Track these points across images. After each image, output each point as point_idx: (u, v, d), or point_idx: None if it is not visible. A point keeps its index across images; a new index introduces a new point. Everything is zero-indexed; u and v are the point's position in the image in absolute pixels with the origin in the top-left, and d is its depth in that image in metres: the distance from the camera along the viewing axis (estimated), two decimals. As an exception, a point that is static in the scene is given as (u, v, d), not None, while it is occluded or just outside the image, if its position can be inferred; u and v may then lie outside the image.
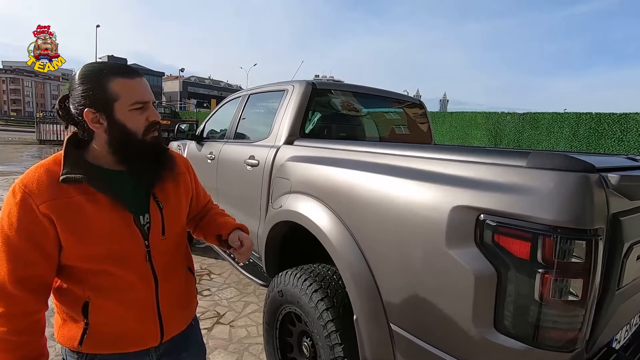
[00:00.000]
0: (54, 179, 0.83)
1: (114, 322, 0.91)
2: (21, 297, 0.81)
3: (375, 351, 1.34)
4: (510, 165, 1.03)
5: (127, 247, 0.91)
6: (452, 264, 1.06)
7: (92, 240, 0.85)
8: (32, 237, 0.81)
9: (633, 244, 1.01)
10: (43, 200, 0.81)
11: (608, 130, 10.08)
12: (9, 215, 0.80)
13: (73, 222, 0.83)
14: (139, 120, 0.90)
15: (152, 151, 0.94)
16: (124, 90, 0.87)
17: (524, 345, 0.95)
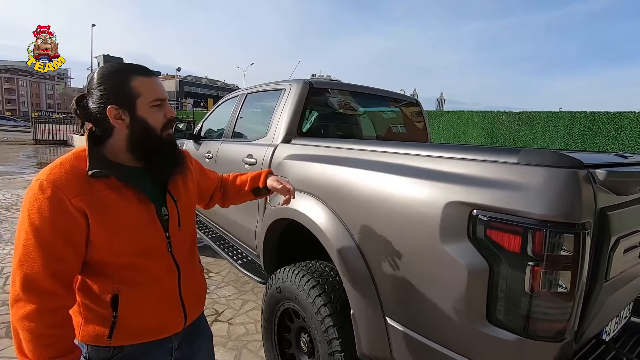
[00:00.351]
0: (81, 174, 0.86)
1: (143, 313, 0.95)
2: (55, 292, 0.82)
3: (372, 345, 1.37)
4: (502, 162, 1.06)
5: (152, 238, 0.95)
6: (446, 258, 1.08)
7: (122, 233, 0.89)
8: (65, 231, 0.83)
9: (620, 237, 1.05)
10: (75, 194, 0.83)
11: (602, 129, 10.16)
12: (40, 210, 0.81)
13: (105, 215, 0.87)
14: (158, 116, 0.95)
15: (168, 147, 0.99)
16: (144, 88, 0.92)
17: (516, 336, 0.98)
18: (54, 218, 0.81)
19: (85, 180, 0.85)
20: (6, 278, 3.08)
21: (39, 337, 0.80)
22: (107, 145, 0.94)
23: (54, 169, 0.86)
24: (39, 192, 0.82)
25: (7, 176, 7.94)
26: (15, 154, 12.28)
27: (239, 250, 2.71)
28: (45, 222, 0.81)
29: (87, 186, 0.85)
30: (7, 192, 6.31)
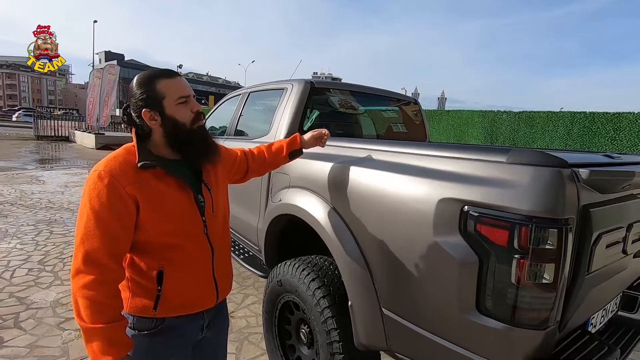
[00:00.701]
0: (132, 165, 0.99)
1: (183, 288, 1.08)
2: (110, 266, 0.95)
3: (369, 335, 1.44)
4: (492, 161, 1.12)
5: (191, 222, 1.08)
6: (438, 252, 1.15)
7: (167, 216, 1.03)
8: (119, 214, 0.96)
9: (602, 233, 1.11)
10: (128, 183, 0.97)
11: (602, 129, 10.21)
12: (99, 196, 0.94)
13: (153, 200, 1.00)
14: (185, 111, 1.06)
15: (199, 138, 1.09)
16: (168, 89, 1.04)
17: (503, 325, 1.04)
18: (111, 203, 0.94)
19: (136, 171, 0.99)
20: (13, 271, 3.15)
21: (95, 304, 0.92)
22: (150, 141, 1.07)
23: (109, 161, 0.99)
24: (98, 180, 0.95)
25: (11, 172, 8.01)
26: (17, 149, 12.35)
27: (240, 245, 2.77)
28: (103, 206, 0.94)
29: (137, 176, 0.99)
30: (10, 187, 6.38)
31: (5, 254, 3.50)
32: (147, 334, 1.07)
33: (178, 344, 1.12)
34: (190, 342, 1.16)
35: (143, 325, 1.06)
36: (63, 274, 3.17)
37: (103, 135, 14.95)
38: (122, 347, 0.95)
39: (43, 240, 3.95)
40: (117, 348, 0.94)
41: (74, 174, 8.36)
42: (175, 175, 1.05)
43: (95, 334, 0.91)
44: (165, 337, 1.09)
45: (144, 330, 1.07)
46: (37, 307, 2.61)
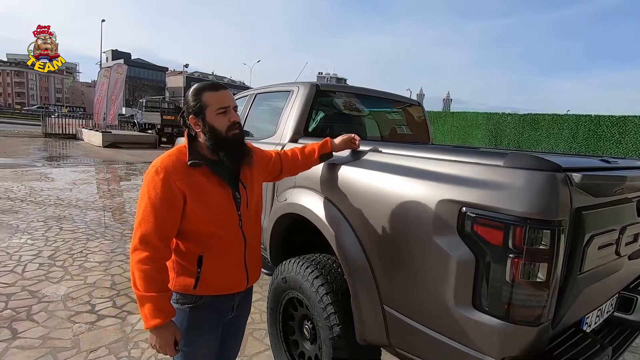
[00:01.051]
0: (183, 163, 1.18)
1: (218, 271, 1.26)
2: (160, 247, 1.14)
3: (370, 330, 1.49)
4: (490, 165, 1.17)
5: (228, 215, 1.26)
6: (437, 251, 1.20)
7: (209, 208, 1.20)
8: (171, 204, 1.14)
9: (594, 235, 1.16)
10: (179, 178, 1.16)
11: (607, 133, 10.17)
12: (155, 187, 1.14)
13: (198, 194, 1.18)
14: (223, 121, 1.22)
15: (234, 144, 1.24)
16: (211, 100, 1.21)
17: (497, 321, 1.09)
18: (163, 194, 1.13)
19: (185, 168, 1.18)
20: (25, 266, 3.24)
21: (148, 277, 1.11)
22: (197, 143, 1.25)
23: (164, 159, 1.19)
24: (155, 175, 1.15)
25: (20, 168, 8.15)
26: (26, 147, 12.53)
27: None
28: (157, 197, 1.13)
29: (186, 173, 1.18)
30: (20, 184, 6.51)
31: (17, 249, 3.59)
32: (188, 308, 1.26)
33: (212, 320, 1.31)
34: (222, 319, 1.35)
35: (185, 301, 1.26)
36: (73, 269, 3.26)
37: (110, 133, 15.11)
38: (167, 314, 1.14)
39: (53, 236, 4.05)
40: (164, 314, 1.13)
41: (81, 171, 8.49)
42: (217, 174, 1.22)
43: (147, 300, 1.11)
44: (202, 312, 1.27)
45: (185, 305, 1.26)
46: (49, 301, 2.69)
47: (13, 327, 2.33)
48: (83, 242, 3.94)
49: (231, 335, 1.46)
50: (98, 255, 3.60)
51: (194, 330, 1.28)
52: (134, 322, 2.49)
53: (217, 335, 1.35)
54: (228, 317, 1.37)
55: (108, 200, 5.94)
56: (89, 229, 4.39)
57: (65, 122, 17.50)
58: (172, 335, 1.17)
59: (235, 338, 1.50)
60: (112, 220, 4.86)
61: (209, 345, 1.33)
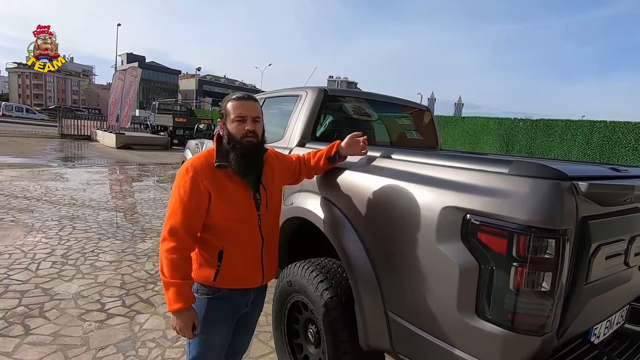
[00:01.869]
0: (210, 164, 1.32)
1: (236, 266, 1.37)
2: (186, 239, 1.27)
3: (374, 336, 1.49)
4: (495, 172, 1.17)
5: (249, 213, 1.38)
6: (441, 258, 1.20)
7: (231, 206, 1.33)
8: (197, 200, 1.27)
9: (600, 244, 1.14)
10: (205, 178, 1.29)
11: (622, 139, 9.94)
12: (184, 185, 1.27)
13: (222, 193, 1.31)
14: (239, 128, 1.33)
15: (246, 150, 1.33)
16: (232, 109, 1.35)
17: (500, 329, 1.08)
18: (191, 191, 1.26)
19: (212, 169, 1.31)
20: (38, 263, 3.33)
21: (174, 265, 1.24)
22: (223, 146, 1.36)
23: (195, 159, 1.33)
24: (185, 173, 1.29)
25: (37, 168, 8.37)
26: (43, 147, 12.85)
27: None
28: (185, 193, 1.26)
29: (213, 173, 1.31)
30: (36, 184, 6.67)
31: (31, 247, 3.69)
32: (207, 298, 1.37)
33: (228, 311, 1.43)
34: (237, 312, 1.46)
35: (205, 291, 1.37)
36: (84, 267, 3.33)
37: (123, 135, 15.40)
38: (188, 300, 1.27)
39: (66, 235, 4.14)
40: (185, 299, 1.25)
41: (95, 172, 8.67)
42: (240, 176, 1.34)
43: (172, 286, 1.24)
44: (220, 303, 1.39)
45: (204, 295, 1.37)
46: (61, 298, 2.75)
47: (26, 324, 2.39)
48: (95, 241, 4.03)
49: (244, 328, 1.58)
50: (109, 255, 3.67)
51: (211, 319, 1.39)
52: (142, 322, 2.53)
53: (231, 326, 1.47)
54: (242, 311, 1.48)
55: (120, 201, 6.05)
56: (101, 228, 4.48)
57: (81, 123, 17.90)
58: (191, 319, 1.29)
59: (247, 331, 1.63)
60: (123, 220, 4.95)
61: (223, 335, 1.45)
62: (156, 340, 2.34)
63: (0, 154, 10.26)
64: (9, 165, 8.59)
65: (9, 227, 4.23)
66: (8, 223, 4.39)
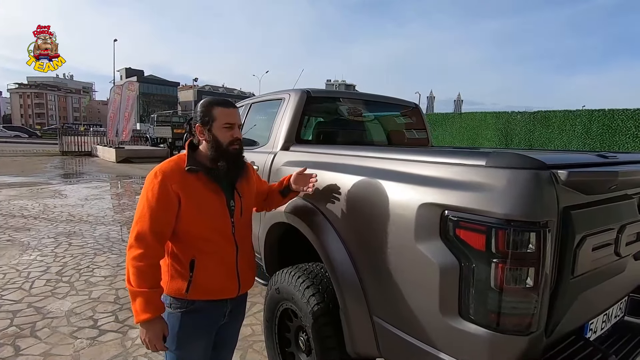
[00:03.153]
0: (181, 168, 1.27)
1: (210, 276, 1.30)
2: (155, 245, 1.21)
3: (360, 342, 1.44)
4: (472, 165, 1.12)
5: (221, 220, 1.32)
6: (420, 258, 1.15)
7: (203, 213, 1.27)
8: (166, 204, 1.22)
9: (586, 235, 1.08)
10: (174, 182, 1.23)
11: (622, 127, 9.82)
12: (152, 189, 1.22)
13: (192, 198, 1.25)
14: (227, 135, 1.31)
15: (232, 157, 1.32)
16: (220, 115, 1.30)
17: (485, 330, 1.02)
18: (159, 195, 1.21)
19: (182, 173, 1.26)
20: (32, 282, 3.29)
21: (141, 272, 1.18)
22: (198, 151, 1.34)
23: (164, 163, 1.28)
24: (154, 177, 1.23)
25: (36, 187, 8.38)
26: (44, 165, 12.91)
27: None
28: (154, 197, 1.21)
29: (183, 177, 1.25)
30: (35, 202, 6.68)
31: (26, 266, 3.66)
32: (180, 312, 1.30)
33: (205, 325, 1.35)
34: (215, 324, 1.38)
35: (178, 305, 1.30)
36: (79, 284, 3.29)
37: (123, 149, 15.46)
38: (157, 308, 1.20)
39: (62, 252, 4.11)
40: (153, 308, 1.18)
41: (94, 187, 8.67)
42: (212, 180, 1.29)
43: (139, 295, 1.17)
44: (195, 317, 1.31)
45: (178, 309, 1.30)
46: (53, 317, 2.71)
47: (16, 344, 2.35)
48: (90, 257, 3.99)
49: (223, 341, 1.49)
50: (104, 270, 3.63)
51: (187, 335, 1.31)
52: (134, 337, 2.48)
53: (210, 340, 1.39)
54: (220, 323, 1.40)
55: (118, 215, 6.03)
56: (97, 243, 4.45)
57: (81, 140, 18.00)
58: (161, 330, 1.22)
59: (228, 345, 1.54)
60: (119, 234, 4.92)
61: (201, 350, 1.37)
62: (148, 355, 2.29)
63: (1, 174, 10.31)
64: (8, 184, 8.62)
65: (4, 247, 4.21)
66: (4, 242, 4.37)
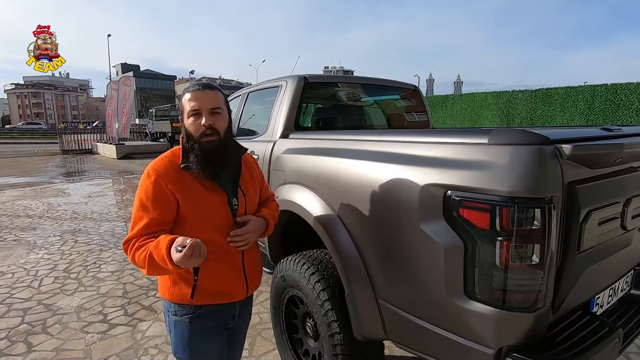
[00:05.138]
0: (176, 166, 1.15)
1: (216, 279, 1.20)
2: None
3: (366, 325, 1.44)
4: (474, 144, 1.10)
5: (223, 221, 1.20)
6: (425, 239, 1.14)
7: (201, 212, 1.16)
8: (162, 205, 1.12)
9: (591, 210, 1.07)
10: (170, 181, 1.13)
11: (625, 101, 9.69)
12: (146, 190, 1.12)
13: (190, 197, 1.14)
14: (194, 125, 1.15)
15: (208, 151, 1.14)
16: (186, 102, 1.16)
17: (491, 309, 1.02)
18: (154, 196, 1.11)
19: (178, 171, 1.15)
20: (41, 280, 3.33)
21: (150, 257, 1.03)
22: None
23: (157, 161, 1.17)
24: (147, 177, 1.14)
25: (39, 186, 8.41)
26: (45, 164, 12.92)
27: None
28: (149, 199, 1.11)
29: (179, 175, 1.14)
30: (39, 201, 6.70)
31: (34, 264, 3.69)
32: (188, 319, 1.21)
33: (214, 327, 1.26)
34: (224, 327, 1.29)
35: (183, 312, 1.21)
36: (86, 280, 3.32)
37: (123, 145, 15.42)
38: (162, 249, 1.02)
39: (68, 249, 4.15)
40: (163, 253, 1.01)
41: (96, 184, 8.69)
42: (210, 179, 1.16)
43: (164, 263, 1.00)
44: (203, 321, 1.22)
45: (184, 316, 1.21)
46: (63, 313, 2.75)
47: (28, 341, 2.39)
48: (97, 253, 4.02)
49: (232, 342, 1.39)
50: (111, 265, 3.67)
51: (199, 341, 1.23)
52: (144, 329, 2.52)
53: (223, 342, 1.30)
54: (229, 326, 1.31)
55: (122, 211, 6.06)
56: (103, 239, 4.48)
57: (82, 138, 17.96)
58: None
59: (237, 344, 1.45)
60: (124, 229, 4.95)
61: (216, 353, 1.28)
62: (158, 346, 2.32)
63: (4, 175, 10.34)
64: (11, 185, 8.65)
65: (11, 247, 4.25)
66: (11, 242, 4.40)
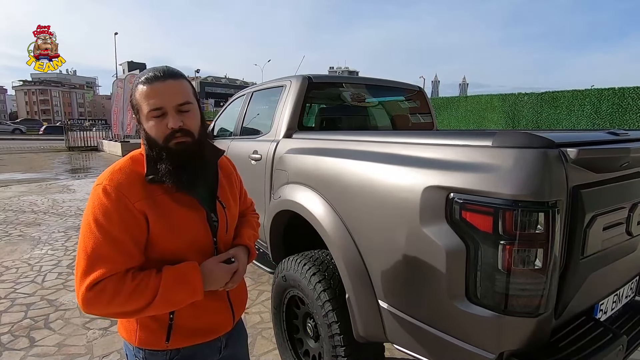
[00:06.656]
0: (140, 178, 0.88)
1: (197, 314, 0.95)
2: None
3: (367, 326, 1.44)
4: (478, 146, 1.09)
5: (202, 241, 0.95)
6: (426, 241, 1.13)
7: (176, 233, 0.90)
8: (132, 231, 0.84)
9: (596, 215, 1.06)
10: (137, 199, 0.85)
11: (633, 105, 9.58)
12: (106, 214, 0.82)
13: (163, 217, 0.88)
14: (159, 128, 0.88)
15: (182, 159, 0.90)
16: (142, 99, 0.88)
17: (493, 313, 1.01)
18: (121, 220, 0.83)
19: (143, 184, 0.88)
20: (44, 275, 3.35)
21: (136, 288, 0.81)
22: None
23: (114, 173, 0.87)
24: (104, 196, 0.84)
25: (44, 182, 8.49)
26: (51, 161, 13.04)
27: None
28: (113, 224, 0.82)
29: (147, 190, 0.88)
30: (44, 197, 6.76)
31: (38, 260, 3.72)
32: None
33: None
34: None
35: (155, 359, 0.95)
36: (89, 276, 3.35)
37: (128, 142, 15.52)
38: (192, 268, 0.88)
39: (72, 245, 4.17)
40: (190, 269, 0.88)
41: (101, 181, 8.75)
42: (185, 191, 0.92)
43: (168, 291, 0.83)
44: None
45: None
46: (66, 309, 2.76)
47: (31, 336, 2.40)
48: (100, 249, 4.05)
49: None
50: (114, 262, 3.69)
51: None
52: (146, 326, 2.53)
53: None
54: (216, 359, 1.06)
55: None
56: (106, 236, 4.51)
57: (87, 135, 18.10)
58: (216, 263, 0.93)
59: None
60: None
61: None
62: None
63: (11, 170, 10.45)
64: (17, 181, 8.73)
65: (16, 242, 4.28)
66: (16, 238, 4.44)
